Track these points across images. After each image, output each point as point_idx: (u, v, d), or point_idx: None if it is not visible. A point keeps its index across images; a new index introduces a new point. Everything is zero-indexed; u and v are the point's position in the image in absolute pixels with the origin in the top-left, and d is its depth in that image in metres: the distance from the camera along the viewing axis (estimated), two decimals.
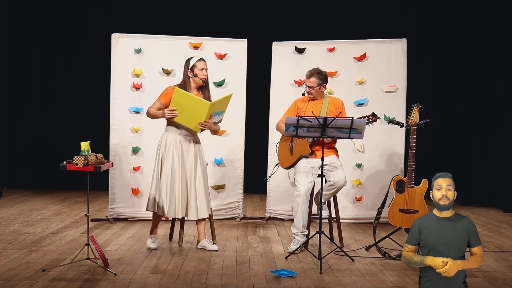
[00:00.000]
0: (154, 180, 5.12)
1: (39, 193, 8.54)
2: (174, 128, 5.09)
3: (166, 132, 5.14)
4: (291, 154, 5.27)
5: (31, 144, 9.06)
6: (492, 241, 5.70)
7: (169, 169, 5.04)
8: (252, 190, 8.37)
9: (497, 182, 7.73)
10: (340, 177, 5.11)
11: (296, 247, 5.12)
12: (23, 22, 8.82)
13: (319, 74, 5.23)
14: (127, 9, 8.75)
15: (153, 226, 5.31)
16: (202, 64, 5.09)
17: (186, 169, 5.09)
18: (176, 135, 5.09)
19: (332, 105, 5.25)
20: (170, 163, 5.05)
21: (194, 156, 5.12)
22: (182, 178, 5.06)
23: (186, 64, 5.12)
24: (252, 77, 6.76)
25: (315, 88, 5.22)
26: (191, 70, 5.07)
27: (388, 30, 7.82)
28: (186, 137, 5.10)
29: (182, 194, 5.06)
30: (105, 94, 6.63)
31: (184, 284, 4.15)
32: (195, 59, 5.12)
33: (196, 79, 5.07)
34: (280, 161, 5.41)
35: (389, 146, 6.48)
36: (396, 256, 4.93)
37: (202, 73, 5.07)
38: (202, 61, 5.11)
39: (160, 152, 5.11)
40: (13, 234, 5.67)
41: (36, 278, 4.21)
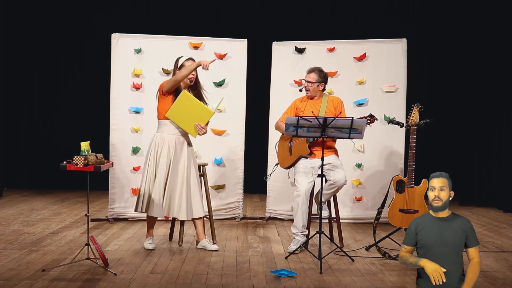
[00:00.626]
0: (145, 180, 5.08)
1: (39, 193, 8.54)
2: (167, 129, 5.08)
3: (159, 132, 5.13)
4: (290, 154, 5.27)
5: (31, 144, 9.06)
6: (492, 241, 5.70)
7: (163, 169, 5.04)
8: (252, 190, 8.37)
9: (497, 182, 7.73)
10: (341, 176, 5.11)
11: (296, 247, 5.12)
12: (23, 22, 8.82)
13: (320, 72, 5.24)
14: (127, 9, 8.75)
15: (148, 228, 5.28)
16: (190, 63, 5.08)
17: (179, 169, 5.08)
18: (169, 136, 5.08)
19: (331, 104, 5.25)
20: (164, 163, 5.04)
21: (187, 156, 5.12)
22: (174, 179, 5.06)
23: (175, 64, 5.13)
24: (252, 77, 6.76)
25: (314, 84, 5.20)
26: (179, 69, 5.07)
27: (388, 30, 7.81)
28: (179, 138, 5.10)
29: (173, 194, 5.06)
30: (105, 94, 6.63)
31: (184, 284, 4.15)
32: (183, 58, 5.12)
33: None
34: (280, 161, 5.42)
35: (389, 146, 6.48)
36: (396, 256, 4.93)
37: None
38: (190, 60, 5.10)
39: (152, 153, 5.08)
40: (13, 234, 5.67)
41: (36, 278, 4.21)
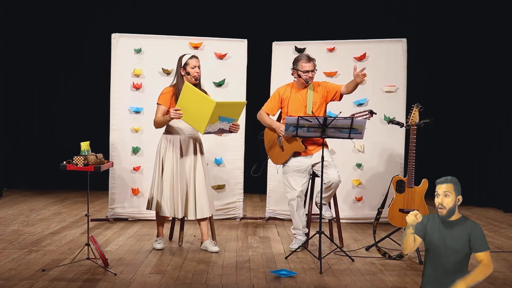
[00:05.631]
0: (155, 180, 5.12)
1: (39, 193, 8.54)
2: (174, 128, 5.08)
3: (164, 133, 5.14)
4: (283, 150, 5.20)
5: (31, 144, 9.05)
6: (492, 241, 5.70)
7: (169, 168, 5.04)
8: (252, 190, 8.37)
9: (497, 182, 7.74)
10: (334, 176, 5.03)
11: (298, 245, 5.12)
12: (23, 21, 8.81)
13: (314, 60, 5.17)
14: (127, 9, 8.74)
15: (157, 227, 5.30)
16: (194, 62, 5.05)
17: (185, 169, 5.08)
18: (176, 135, 5.09)
19: (317, 89, 5.16)
20: (170, 163, 5.05)
21: (194, 155, 5.11)
22: (181, 178, 5.06)
23: (179, 62, 5.10)
24: (252, 77, 6.76)
25: (315, 71, 5.14)
26: (184, 68, 5.05)
27: (388, 30, 7.82)
28: (186, 137, 5.10)
29: (182, 194, 5.06)
30: (105, 94, 6.63)
31: (184, 284, 4.15)
32: (187, 56, 5.09)
33: (188, 77, 5.04)
34: (272, 158, 5.33)
35: (389, 146, 6.48)
36: (396, 256, 4.93)
37: (194, 71, 5.04)
38: (194, 58, 5.08)
39: (160, 152, 5.11)
40: (13, 234, 5.67)
41: (36, 278, 4.21)
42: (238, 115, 4.91)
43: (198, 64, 5.08)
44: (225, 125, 4.88)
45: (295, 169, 5.14)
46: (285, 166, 5.21)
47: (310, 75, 5.12)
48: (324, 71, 6.43)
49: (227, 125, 4.89)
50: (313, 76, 5.15)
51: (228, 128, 4.93)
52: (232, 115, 4.86)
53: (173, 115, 4.79)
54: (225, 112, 4.76)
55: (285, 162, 5.20)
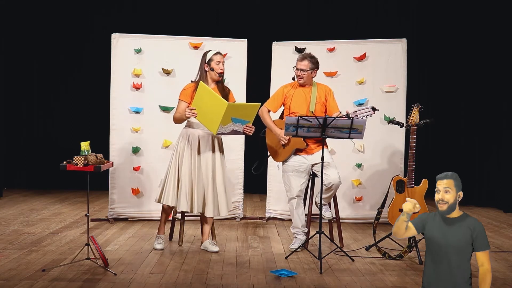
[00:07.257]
0: (171, 173, 5.06)
1: (39, 193, 8.54)
2: (194, 123, 5.06)
3: (186, 127, 5.12)
4: (284, 147, 5.20)
5: (31, 144, 9.05)
6: (492, 241, 5.70)
7: (187, 164, 5.02)
8: (252, 190, 8.36)
9: (497, 182, 7.74)
10: (334, 177, 5.03)
11: (298, 245, 5.12)
12: (23, 21, 8.81)
13: (311, 58, 5.14)
14: (127, 9, 8.74)
15: (160, 224, 5.29)
16: (219, 58, 5.05)
17: (202, 165, 5.04)
18: (195, 130, 5.07)
19: (322, 92, 5.18)
20: (188, 158, 5.03)
21: (212, 153, 5.07)
22: (198, 174, 5.02)
23: (203, 58, 5.09)
24: (252, 77, 6.76)
25: (307, 72, 5.10)
26: (208, 64, 5.04)
27: (388, 30, 7.81)
28: (205, 133, 5.06)
29: (199, 190, 5.03)
30: (105, 94, 6.63)
31: (184, 284, 4.15)
32: (212, 52, 5.08)
33: (212, 73, 5.04)
34: (272, 155, 5.34)
35: (389, 146, 6.48)
36: (396, 256, 4.93)
37: (218, 67, 5.04)
38: (219, 54, 5.08)
39: (178, 146, 5.09)
40: (13, 234, 5.67)
41: (36, 278, 4.21)
42: (252, 117, 4.91)
43: (222, 60, 5.07)
44: (239, 127, 4.88)
45: (294, 169, 5.14)
46: (285, 165, 5.21)
47: (298, 73, 5.14)
48: (324, 71, 6.43)
49: (240, 126, 4.89)
50: (301, 75, 5.12)
51: (241, 130, 4.93)
52: (246, 117, 4.86)
53: (188, 114, 4.83)
54: (238, 113, 4.76)
55: (285, 160, 5.20)
